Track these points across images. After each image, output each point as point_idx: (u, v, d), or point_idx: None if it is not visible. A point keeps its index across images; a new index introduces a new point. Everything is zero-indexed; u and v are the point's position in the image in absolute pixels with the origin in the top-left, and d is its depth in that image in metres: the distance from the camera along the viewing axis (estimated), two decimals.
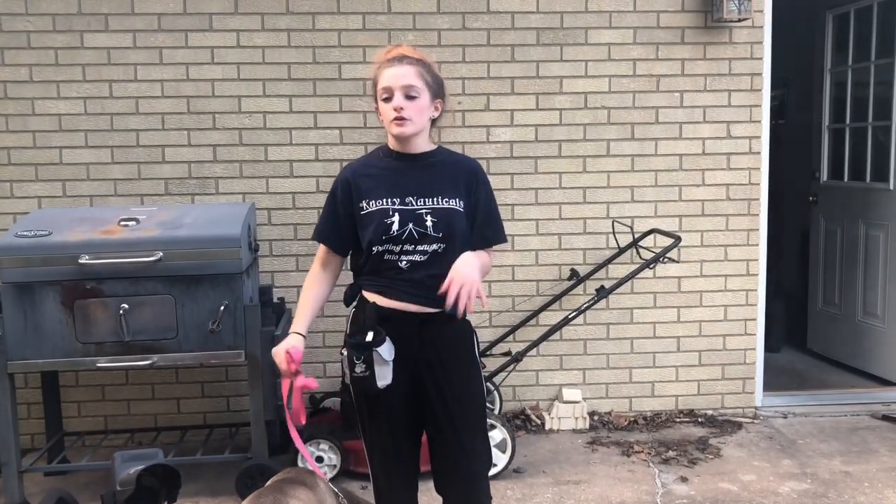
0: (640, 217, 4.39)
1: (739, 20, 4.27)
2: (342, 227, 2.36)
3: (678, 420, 4.49)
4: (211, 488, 3.71)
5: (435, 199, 2.31)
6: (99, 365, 3.38)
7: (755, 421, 4.50)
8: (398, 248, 2.28)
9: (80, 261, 3.28)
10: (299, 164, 4.26)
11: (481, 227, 2.40)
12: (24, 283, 3.29)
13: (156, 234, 3.40)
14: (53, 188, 4.15)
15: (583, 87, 4.34)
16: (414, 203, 2.30)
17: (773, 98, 4.61)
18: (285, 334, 3.71)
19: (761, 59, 4.42)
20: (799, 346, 5.77)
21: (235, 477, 3.53)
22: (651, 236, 4.29)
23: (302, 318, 2.41)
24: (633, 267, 4.03)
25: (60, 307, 3.32)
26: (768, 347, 4.81)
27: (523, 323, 4.32)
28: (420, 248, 2.29)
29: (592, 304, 3.97)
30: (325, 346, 4.33)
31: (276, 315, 3.77)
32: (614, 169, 4.40)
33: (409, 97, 2.27)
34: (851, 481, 3.71)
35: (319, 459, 3.70)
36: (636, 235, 4.28)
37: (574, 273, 4.37)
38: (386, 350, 2.26)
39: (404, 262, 2.29)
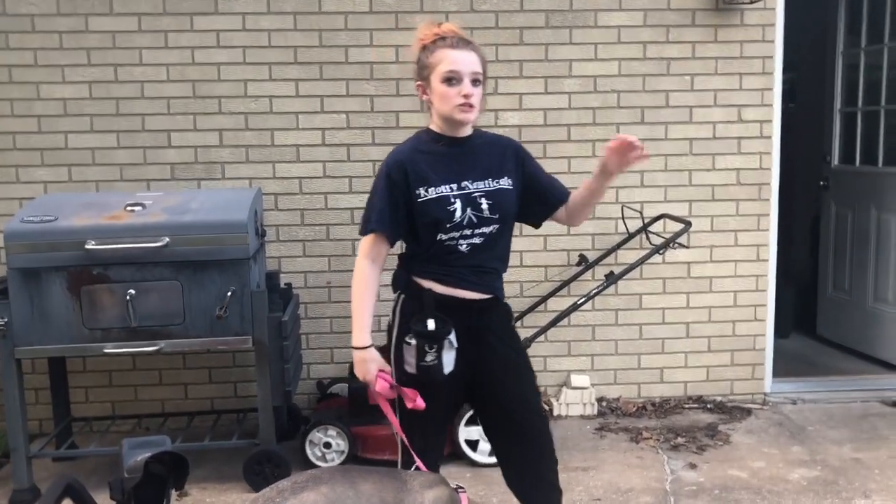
0: (649, 202, 4.35)
1: (751, 2, 4.21)
2: (400, 213, 2.28)
3: (687, 406, 4.47)
4: (219, 474, 3.71)
5: (487, 181, 2.30)
6: (106, 351, 3.37)
7: (764, 407, 4.48)
8: (458, 234, 2.27)
9: (87, 246, 3.26)
10: (306, 149, 4.22)
11: (552, 191, 2.43)
12: (31, 268, 3.28)
13: (162, 219, 3.38)
14: (59, 173, 4.13)
15: (592, 71, 4.29)
16: (470, 186, 2.28)
17: (784, 81, 4.56)
18: (293, 319, 3.75)
19: (773, 41, 4.36)
20: (809, 331, 5.73)
21: (243, 463, 3.52)
22: (660, 221, 4.26)
23: (367, 328, 2.32)
24: (643, 252, 3.99)
25: (67, 293, 3.31)
26: (778, 333, 4.78)
27: (531, 309, 4.30)
28: (478, 231, 2.28)
29: (601, 290, 3.94)
30: (333, 332, 4.31)
31: (283, 301, 3.75)
32: None
33: (475, 83, 2.24)
34: (861, 468, 3.68)
35: (328, 445, 3.70)
36: (646, 221, 4.24)
37: (583, 258, 4.35)
38: (454, 336, 2.26)
39: (465, 246, 2.28)
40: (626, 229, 4.29)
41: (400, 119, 4.21)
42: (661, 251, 3.92)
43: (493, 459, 3.66)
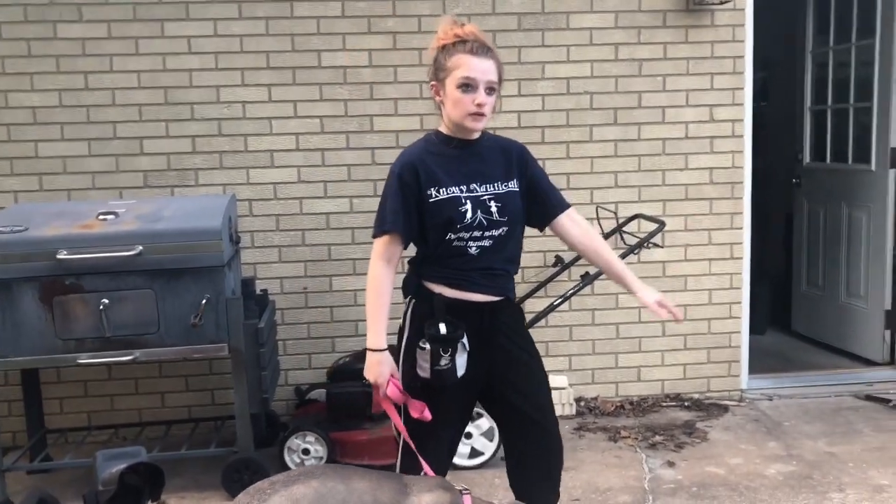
0: (623, 202, 4.38)
1: (721, 2, 4.25)
2: (412, 213, 2.28)
3: (664, 404, 4.50)
4: (197, 483, 3.68)
5: (495, 183, 2.32)
6: (80, 361, 3.34)
7: (741, 404, 4.52)
8: (468, 235, 2.27)
9: (59, 256, 3.23)
10: (280, 154, 4.21)
11: (551, 195, 2.46)
12: (2, 279, 3.23)
13: (135, 227, 3.35)
14: (29, 182, 4.08)
15: (565, 73, 4.31)
16: (478, 189, 2.30)
17: (755, 80, 4.60)
18: (269, 326, 3.73)
19: (743, 41, 4.40)
20: (784, 327, 5.80)
21: (221, 471, 3.50)
22: (635, 221, 4.28)
23: (383, 331, 2.30)
24: (618, 252, 4.00)
25: (39, 303, 3.26)
26: (753, 330, 4.83)
27: None
28: (488, 233, 2.29)
29: (578, 291, 3.96)
30: (310, 338, 4.30)
31: (259, 308, 3.74)
32: (597, 154, 4.38)
33: (489, 92, 2.26)
34: (836, 462, 3.73)
35: (306, 451, 3.68)
36: (620, 221, 4.26)
37: (559, 259, 4.36)
38: (466, 339, 2.28)
39: (474, 249, 2.29)
40: (601, 230, 4.30)
41: (374, 123, 4.21)
42: (635, 251, 3.94)
43: (472, 462, 3.70)
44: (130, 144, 4.12)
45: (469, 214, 2.26)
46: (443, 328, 2.23)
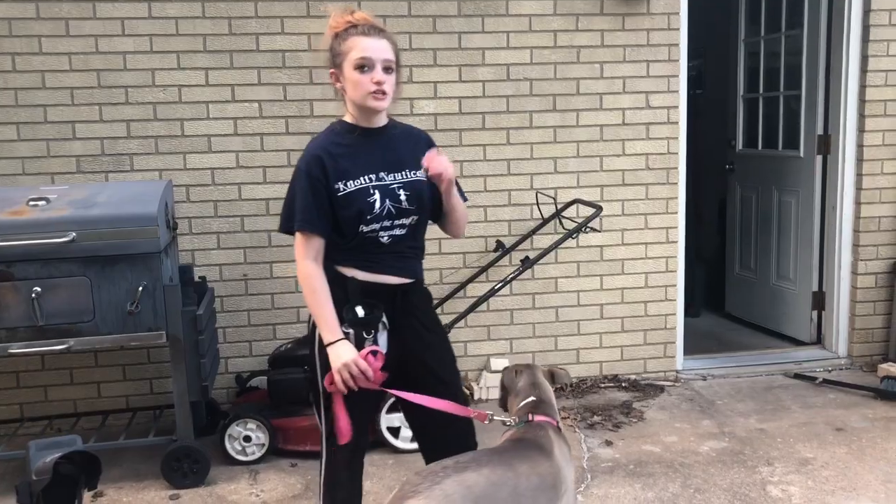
0: (562, 188, 4.44)
1: None
2: (324, 208, 2.25)
3: (603, 385, 4.60)
4: (135, 472, 3.63)
5: (403, 172, 2.32)
6: (11, 351, 3.26)
7: (676, 384, 4.64)
8: (378, 226, 2.27)
9: None
10: (217, 139, 4.15)
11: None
12: None
13: (68, 213, 3.27)
14: None
15: (505, 59, 4.34)
16: (387, 178, 2.29)
17: (690, 68, 4.70)
18: (208, 313, 3.69)
19: (678, 29, 4.49)
20: (718, 310, 5.97)
21: (161, 460, 3.46)
22: (573, 206, 4.35)
23: (335, 321, 2.24)
24: (557, 237, 4.07)
25: None
26: (688, 312, 4.95)
27: (451, 295, 4.34)
28: (398, 222, 2.29)
29: (518, 275, 4.01)
30: (250, 325, 4.26)
31: (197, 295, 3.69)
32: (537, 140, 4.43)
33: (387, 71, 2.24)
34: (766, 438, 3.87)
35: (247, 439, 3.66)
36: (559, 206, 4.33)
37: (500, 244, 4.40)
38: (385, 318, 2.29)
39: (385, 237, 2.29)
40: (541, 215, 4.37)
41: (314, 108, 4.18)
42: (573, 235, 4.01)
43: (415, 445, 3.72)
44: (62, 128, 4.01)
45: (378, 204, 2.26)
46: (360, 311, 2.24)
